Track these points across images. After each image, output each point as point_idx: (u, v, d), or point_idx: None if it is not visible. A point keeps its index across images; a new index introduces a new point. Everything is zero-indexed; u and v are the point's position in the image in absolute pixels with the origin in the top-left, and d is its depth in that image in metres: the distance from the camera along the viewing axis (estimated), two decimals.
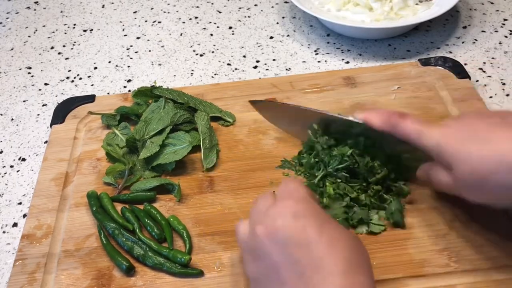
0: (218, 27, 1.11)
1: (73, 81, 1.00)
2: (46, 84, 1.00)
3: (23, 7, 1.24)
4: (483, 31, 1.02)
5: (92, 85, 0.99)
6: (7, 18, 1.21)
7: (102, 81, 0.99)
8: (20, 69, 1.05)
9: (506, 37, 1.00)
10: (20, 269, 0.66)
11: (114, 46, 1.09)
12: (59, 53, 1.08)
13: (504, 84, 0.89)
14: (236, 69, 0.99)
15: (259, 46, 1.04)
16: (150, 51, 1.06)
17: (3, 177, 0.82)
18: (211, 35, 1.09)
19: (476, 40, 1.00)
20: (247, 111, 0.84)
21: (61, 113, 0.88)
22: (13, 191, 0.80)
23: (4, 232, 0.74)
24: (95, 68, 1.03)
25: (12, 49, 1.11)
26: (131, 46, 1.08)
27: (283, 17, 1.12)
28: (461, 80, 0.86)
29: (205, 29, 1.11)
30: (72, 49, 1.09)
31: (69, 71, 1.03)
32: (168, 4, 1.20)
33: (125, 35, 1.12)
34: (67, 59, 1.06)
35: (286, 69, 0.97)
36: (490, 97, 0.87)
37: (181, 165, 0.77)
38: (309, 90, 0.87)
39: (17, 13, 1.22)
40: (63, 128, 0.86)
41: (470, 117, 0.59)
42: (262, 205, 0.55)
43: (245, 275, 0.62)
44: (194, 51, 1.05)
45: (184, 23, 1.14)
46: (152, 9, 1.19)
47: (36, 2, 1.26)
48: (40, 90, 0.99)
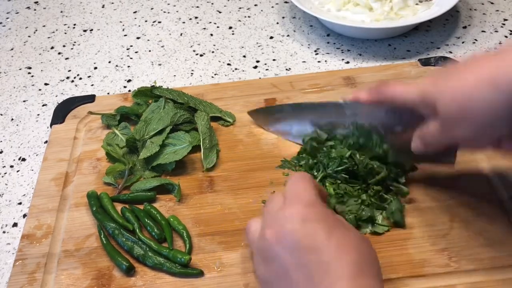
0: (218, 27, 1.11)
1: (73, 81, 1.00)
2: (46, 84, 1.00)
3: (23, 7, 1.24)
4: (483, 31, 1.02)
5: (92, 85, 0.99)
6: (7, 18, 1.21)
7: (102, 81, 0.99)
8: (20, 69, 1.05)
9: (506, 37, 1.00)
10: (20, 269, 0.66)
11: (114, 46, 1.09)
12: (59, 53, 1.08)
13: None
14: (236, 69, 0.99)
15: (259, 46, 1.04)
16: (150, 51, 1.06)
17: (3, 177, 0.82)
18: (211, 35, 1.09)
19: (476, 40, 1.00)
20: (247, 111, 0.84)
21: (61, 113, 0.88)
22: (13, 191, 0.80)
23: (4, 232, 0.74)
24: (95, 68, 1.03)
25: (12, 49, 1.11)
26: (131, 46, 1.08)
27: (283, 17, 1.12)
28: None
29: (205, 29, 1.11)
30: (72, 49, 1.09)
31: (69, 71, 1.03)
32: (168, 4, 1.20)
33: (125, 35, 1.12)
34: (67, 59, 1.06)
35: (286, 69, 0.97)
36: None
37: (181, 165, 0.77)
38: (309, 90, 0.87)
39: (17, 13, 1.22)
40: (63, 128, 0.86)
41: (446, 66, 0.61)
42: (272, 206, 0.55)
43: (254, 275, 0.62)
44: (194, 51, 1.05)
45: (184, 23, 1.14)
46: (152, 9, 1.19)
47: (36, 2, 1.26)
48: (40, 90, 0.99)
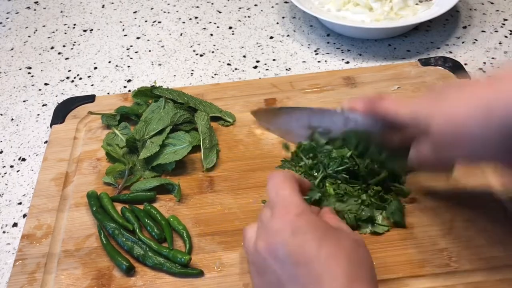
0: (218, 27, 1.11)
1: (73, 81, 1.00)
2: (46, 84, 1.00)
3: (23, 7, 1.24)
4: (483, 31, 1.02)
5: (92, 85, 0.99)
6: (7, 18, 1.21)
7: (102, 81, 0.99)
8: (20, 69, 1.05)
9: (506, 37, 1.00)
10: (20, 269, 0.66)
11: (114, 46, 1.09)
12: (59, 53, 1.08)
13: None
14: (236, 69, 0.99)
15: (259, 46, 1.04)
16: (150, 51, 1.06)
17: (3, 177, 0.82)
18: (211, 35, 1.09)
19: (476, 40, 1.00)
20: (247, 111, 0.84)
21: (61, 113, 0.88)
22: (13, 191, 0.80)
23: (4, 232, 0.74)
24: (95, 68, 1.03)
25: (12, 49, 1.11)
26: (131, 46, 1.08)
27: (283, 17, 1.12)
28: (460, 80, 0.86)
29: (205, 29, 1.11)
30: (72, 49, 1.09)
31: (69, 71, 1.03)
32: (168, 4, 1.20)
33: (125, 35, 1.12)
34: (67, 59, 1.06)
35: (286, 69, 0.97)
36: None
37: (181, 165, 0.77)
38: (309, 90, 0.87)
39: (17, 13, 1.22)
40: (63, 128, 0.86)
41: (440, 86, 0.61)
42: (263, 215, 0.55)
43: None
44: (194, 51, 1.05)
45: (184, 23, 1.14)
46: (152, 9, 1.19)
47: (36, 2, 1.26)
48: (40, 90, 0.99)
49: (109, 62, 1.04)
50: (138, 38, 1.10)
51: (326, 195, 0.68)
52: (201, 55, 1.03)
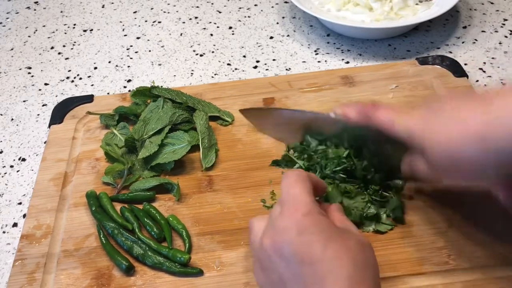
0: (218, 27, 1.11)
1: (73, 81, 1.00)
2: (46, 84, 1.00)
3: (23, 7, 1.25)
4: (483, 31, 1.02)
5: (92, 85, 0.99)
6: (7, 18, 1.21)
7: (102, 81, 0.99)
8: (20, 69, 1.05)
9: (506, 37, 1.00)
10: (20, 269, 0.66)
11: (114, 46, 1.09)
12: (59, 53, 1.08)
13: (504, 84, 0.89)
14: (236, 69, 0.99)
15: (259, 46, 1.04)
16: (150, 51, 1.06)
17: (3, 177, 0.82)
18: (211, 35, 1.09)
19: (476, 40, 1.00)
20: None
21: (59, 113, 0.88)
22: (13, 191, 0.80)
23: (4, 232, 0.74)
24: (95, 68, 1.03)
25: (12, 49, 1.11)
26: (131, 46, 1.08)
27: (283, 17, 1.12)
28: (458, 78, 0.86)
29: (205, 29, 1.11)
30: (72, 49, 1.09)
31: (69, 71, 1.03)
32: (168, 4, 1.20)
33: (125, 35, 1.12)
34: (67, 59, 1.06)
35: (286, 69, 0.97)
36: None
37: (180, 164, 0.77)
38: (307, 89, 0.87)
39: (17, 13, 1.22)
40: (61, 128, 0.86)
41: (437, 98, 0.59)
42: (274, 211, 0.55)
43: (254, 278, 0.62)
44: (194, 51, 1.05)
45: (184, 23, 1.14)
46: (152, 9, 1.19)
47: (36, 2, 1.26)
48: (40, 90, 0.99)
49: (109, 62, 1.04)
50: (138, 38, 1.10)
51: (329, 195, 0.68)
52: (201, 55, 1.03)
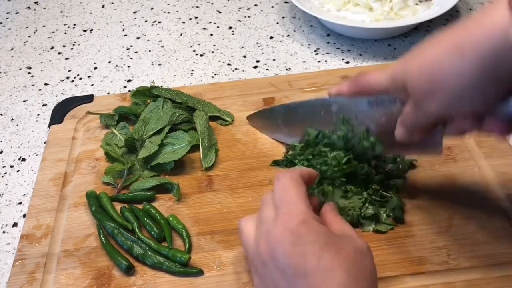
0: (218, 27, 1.11)
1: (73, 81, 1.00)
2: (46, 84, 1.00)
3: (23, 7, 1.25)
4: None
5: (92, 85, 0.99)
6: (7, 18, 1.21)
7: (102, 81, 0.99)
8: (20, 69, 1.05)
9: None
10: (20, 269, 0.66)
11: (114, 46, 1.09)
12: (59, 53, 1.08)
13: None
14: (236, 69, 0.99)
15: (259, 46, 1.04)
16: (150, 51, 1.06)
17: (3, 177, 0.82)
18: (211, 35, 1.09)
19: None
20: (245, 110, 0.84)
21: (59, 113, 0.88)
22: (13, 191, 0.80)
23: (4, 232, 0.74)
24: (95, 68, 1.03)
25: (12, 49, 1.11)
26: (131, 46, 1.08)
27: (283, 17, 1.12)
28: None
29: (205, 29, 1.11)
30: (72, 49, 1.09)
31: (69, 71, 1.03)
32: (168, 4, 1.20)
33: (125, 35, 1.12)
34: (67, 59, 1.06)
35: (286, 69, 0.97)
36: None
37: (180, 164, 0.77)
38: (307, 89, 0.87)
39: (17, 13, 1.23)
40: (61, 128, 0.86)
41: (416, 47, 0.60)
42: (265, 215, 0.54)
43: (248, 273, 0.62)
44: (194, 51, 1.05)
45: (184, 23, 1.14)
46: (152, 9, 1.19)
47: (36, 2, 1.26)
48: (40, 90, 0.99)
49: (109, 62, 1.04)
50: (138, 38, 1.10)
51: (325, 193, 0.68)
52: (201, 55, 1.03)
